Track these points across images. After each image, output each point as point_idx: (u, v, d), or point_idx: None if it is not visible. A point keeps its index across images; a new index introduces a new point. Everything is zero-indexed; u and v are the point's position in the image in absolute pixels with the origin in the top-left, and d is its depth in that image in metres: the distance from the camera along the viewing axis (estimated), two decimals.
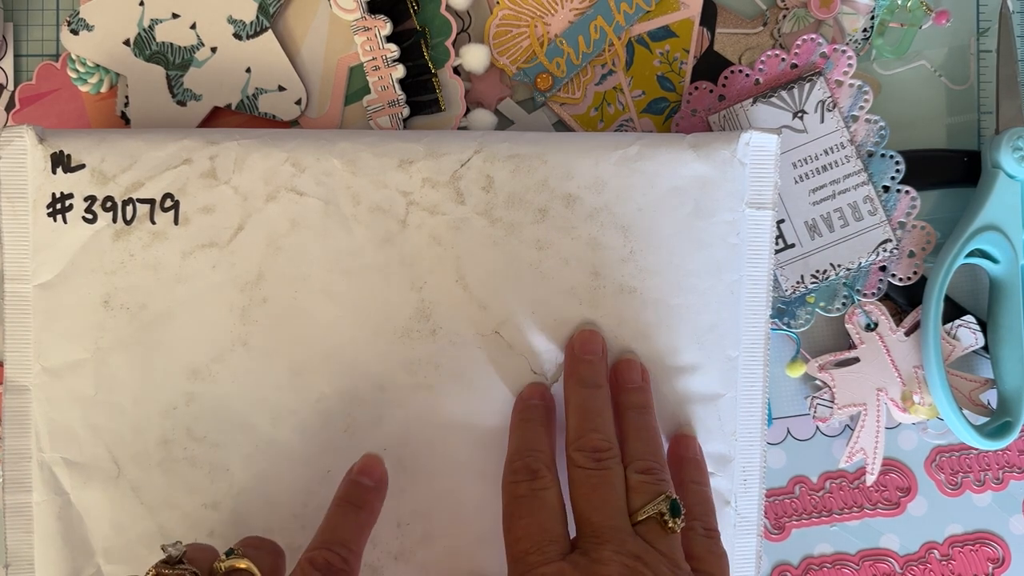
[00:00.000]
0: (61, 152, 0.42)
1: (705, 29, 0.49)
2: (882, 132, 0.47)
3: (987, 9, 0.50)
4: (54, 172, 0.42)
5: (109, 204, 0.42)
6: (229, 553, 0.36)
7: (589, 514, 0.37)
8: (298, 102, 0.47)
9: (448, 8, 0.48)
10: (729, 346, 0.43)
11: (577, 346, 0.42)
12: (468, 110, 0.48)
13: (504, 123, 0.49)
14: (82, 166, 0.42)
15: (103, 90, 0.48)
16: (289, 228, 0.42)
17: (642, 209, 0.43)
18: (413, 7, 0.47)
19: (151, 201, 0.42)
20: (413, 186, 0.43)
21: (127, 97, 0.47)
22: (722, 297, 0.43)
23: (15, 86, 0.49)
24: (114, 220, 0.42)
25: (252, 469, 0.42)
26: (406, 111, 0.47)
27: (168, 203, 0.42)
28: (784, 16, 0.49)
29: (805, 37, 0.48)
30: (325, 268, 0.42)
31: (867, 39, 0.49)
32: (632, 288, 0.43)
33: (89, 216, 0.42)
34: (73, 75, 0.47)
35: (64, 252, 0.42)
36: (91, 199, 0.42)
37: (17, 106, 0.48)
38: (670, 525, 0.36)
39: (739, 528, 0.43)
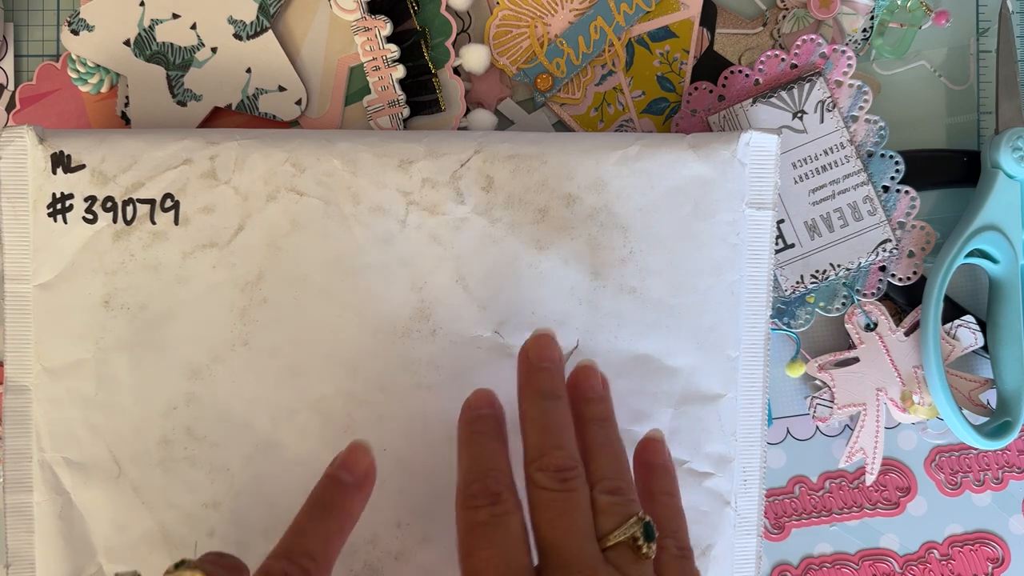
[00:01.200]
0: (61, 152, 0.42)
1: (705, 29, 0.49)
2: (882, 132, 0.47)
3: (987, 9, 0.50)
4: (54, 172, 0.42)
5: (109, 204, 0.42)
6: (180, 564, 0.34)
7: (555, 541, 0.34)
8: (298, 102, 0.47)
9: (448, 8, 0.48)
10: (729, 346, 0.43)
11: (532, 352, 0.39)
12: (468, 110, 0.48)
13: (504, 123, 0.49)
14: (82, 166, 0.42)
15: (103, 90, 0.48)
16: (289, 228, 0.42)
17: (642, 209, 0.43)
18: (413, 7, 0.47)
19: (151, 201, 0.42)
20: (413, 186, 0.42)
21: (127, 97, 0.47)
22: (722, 297, 0.43)
23: (15, 86, 0.49)
24: (114, 220, 0.42)
25: (252, 469, 0.42)
26: (406, 111, 0.47)
27: (168, 203, 0.42)
28: (784, 16, 0.49)
29: (805, 37, 0.48)
30: (325, 268, 0.42)
31: (867, 39, 0.49)
32: (632, 288, 0.43)
33: (89, 216, 0.42)
34: (73, 75, 0.47)
35: (64, 252, 0.42)
36: (91, 199, 0.42)
37: (17, 106, 0.48)
38: (644, 551, 0.33)
39: (739, 528, 0.43)
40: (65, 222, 0.42)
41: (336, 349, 0.42)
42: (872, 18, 0.49)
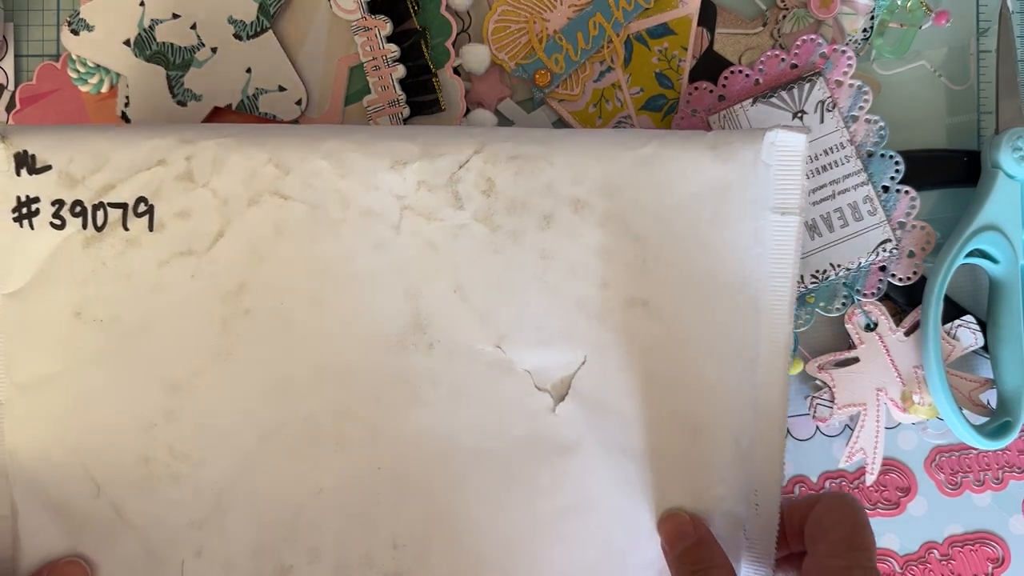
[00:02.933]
0: (25, 152, 0.39)
1: (705, 29, 0.49)
2: (882, 132, 0.47)
3: (987, 9, 0.50)
4: (18, 174, 0.39)
5: (78, 209, 0.39)
6: None
7: None
8: (298, 102, 0.47)
9: (448, 8, 0.48)
10: (747, 365, 0.40)
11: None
12: (468, 110, 0.48)
13: (504, 123, 0.49)
14: (48, 167, 0.39)
15: (103, 90, 0.48)
16: (273, 235, 0.40)
17: (656, 216, 0.40)
18: (413, 7, 0.47)
19: (123, 205, 0.39)
20: (407, 189, 0.40)
21: (127, 97, 0.47)
22: (742, 312, 0.39)
23: (15, 86, 0.49)
24: (84, 226, 0.39)
25: (239, 487, 0.40)
26: (406, 111, 0.47)
27: (142, 207, 0.39)
28: (784, 16, 0.49)
29: (805, 37, 0.48)
30: (312, 276, 0.40)
31: (867, 39, 0.49)
32: (644, 301, 0.40)
33: (57, 222, 0.39)
34: (73, 75, 0.47)
35: (33, 260, 0.39)
36: (59, 203, 0.39)
37: (17, 106, 0.48)
38: None
39: (749, 553, 0.40)
40: (32, 227, 0.39)
41: (326, 361, 0.40)
42: (872, 18, 0.49)
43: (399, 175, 0.40)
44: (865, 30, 0.49)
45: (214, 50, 0.47)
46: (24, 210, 0.39)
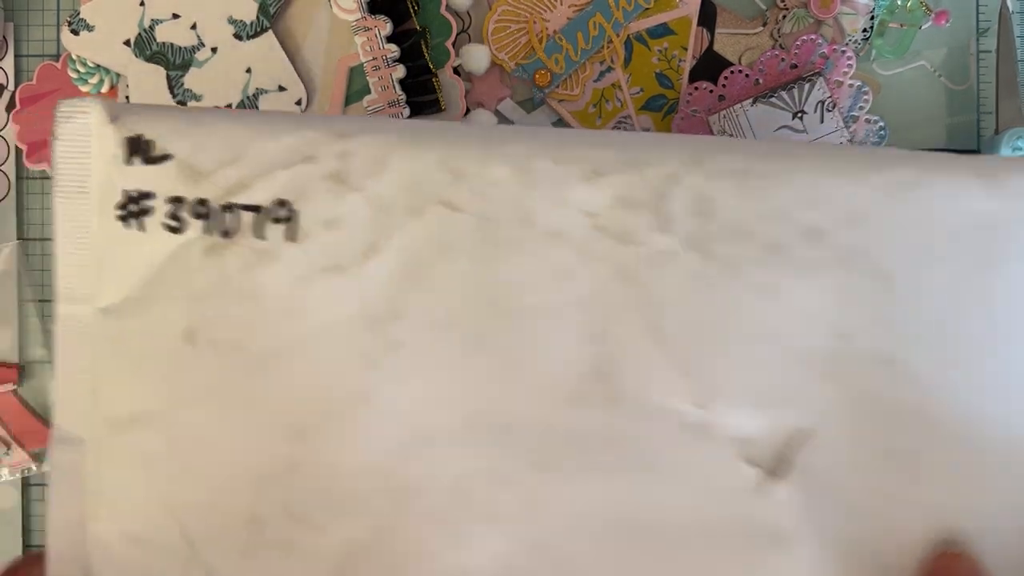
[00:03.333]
0: (139, 137, 0.31)
1: (705, 29, 0.49)
2: (882, 132, 0.48)
3: (987, 9, 0.50)
4: (129, 162, 0.31)
5: (202, 209, 0.31)
6: None
7: None
8: (298, 102, 0.47)
9: (448, 8, 0.48)
10: (1015, 450, 0.31)
11: None
12: (468, 110, 0.48)
13: (504, 124, 0.49)
14: (168, 156, 0.31)
15: (103, 90, 0.48)
16: (436, 253, 0.32)
17: (909, 253, 0.31)
18: (413, 7, 0.47)
19: (258, 208, 0.31)
20: (601, 205, 0.31)
21: (127, 98, 0.47)
22: (1016, 379, 0.31)
23: (15, 86, 0.49)
24: (208, 231, 0.31)
25: (363, 564, 0.32)
26: (406, 111, 0.48)
27: (282, 212, 0.31)
28: (784, 16, 0.49)
29: (805, 37, 0.48)
30: (477, 307, 0.32)
31: (867, 39, 0.49)
32: (891, 359, 0.31)
33: (174, 223, 0.31)
34: (74, 75, 0.48)
35: (138, 268, 0.32)
36: (178, 201, 0.31)
37: (18, 106, 0.48)
38: None
39: None
40: (142, 229, 0.31)
41: (482, 412, 0.32)
42: (872, 18, 0.49)
43: (594, 187, 0.31)
44: (865, 30, 0.49)
45: (214, 50, 0.47)
46: (133, 207, 0.31)
